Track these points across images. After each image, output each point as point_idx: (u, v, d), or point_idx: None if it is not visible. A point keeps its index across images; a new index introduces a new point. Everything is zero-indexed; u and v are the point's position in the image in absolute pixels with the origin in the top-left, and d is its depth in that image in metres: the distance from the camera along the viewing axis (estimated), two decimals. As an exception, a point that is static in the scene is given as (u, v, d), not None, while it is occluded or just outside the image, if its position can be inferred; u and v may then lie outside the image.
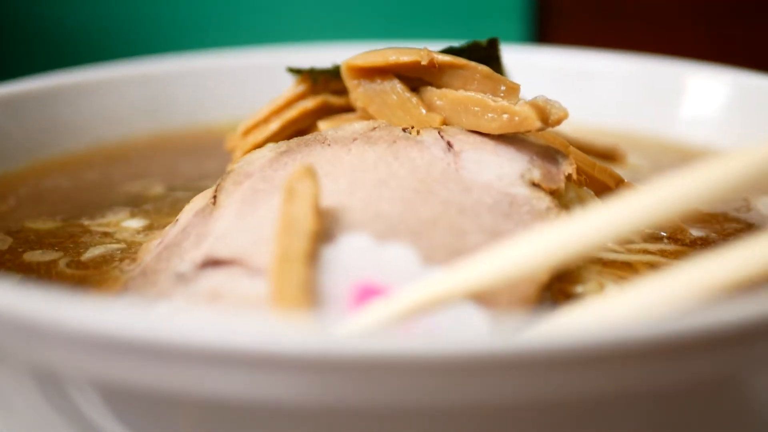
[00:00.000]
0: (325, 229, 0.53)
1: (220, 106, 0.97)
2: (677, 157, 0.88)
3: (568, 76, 0.96)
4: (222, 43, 1.20)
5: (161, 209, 0.74)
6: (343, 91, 0.72)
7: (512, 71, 0.75)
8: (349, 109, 0.72)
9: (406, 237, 0.54)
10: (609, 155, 0.81)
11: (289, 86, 0.74)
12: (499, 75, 0.65)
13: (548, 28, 1.45)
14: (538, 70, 0.93)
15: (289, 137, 0.69)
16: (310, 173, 0.54)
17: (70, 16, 1.32)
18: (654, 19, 1.44)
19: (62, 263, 0.64)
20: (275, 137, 0.72)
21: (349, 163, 0.61)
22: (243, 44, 1.13)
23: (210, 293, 0.53)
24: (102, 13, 1.33)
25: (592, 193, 0.65)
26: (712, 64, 0.95)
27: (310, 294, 0.48)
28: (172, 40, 1.34)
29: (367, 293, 0.50)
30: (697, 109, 0.93)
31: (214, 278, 0.54)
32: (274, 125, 0.73)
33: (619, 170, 0.74)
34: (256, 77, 0.97)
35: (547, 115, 0.61)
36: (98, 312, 0.41)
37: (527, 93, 0.65)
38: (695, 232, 0.67)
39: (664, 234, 0.66)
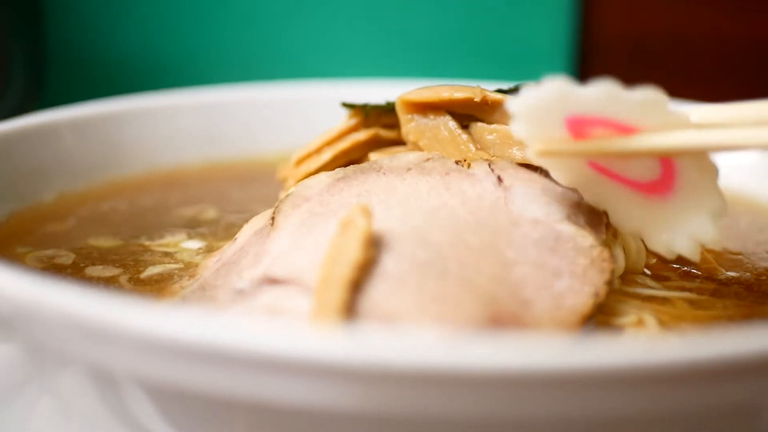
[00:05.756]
0: (374, 258, 0.56)
1: (272, 136, 1.00)
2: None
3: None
4: (277, 76, 1.25)
5: (216, 232, 0.77)
6: (393, 126, 0.75)
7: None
8: (399, 142, 0.75)
9: (455, 264, 0.57)
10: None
11: (342, 119, 0.77)
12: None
13: (589, 69, 1.48)
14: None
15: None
16: (366, 212, 0.57)
17: (133, 45, 1.38)
18: (692, 65, 1.47)
19: (123, 279, 0.67)
20: (327, 167, 0.75)
21: (403, 192, 0.64)
22: (297, 77, 1.17)
23: (267, 308, 0.56)
24: (161, 44, 1.38)
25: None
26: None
27: (346, 315, 0.52)
28: (229, 71, 1.38)
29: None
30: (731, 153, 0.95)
31: (271, 295, 0.57)
32: (326, 155, 0.76)
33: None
34: (308, 109, 1.01)
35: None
36: (156, 317, 0.44)
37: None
38: (729, 273, 0.70)
39: (699, 273, 0.69)
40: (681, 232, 0.62)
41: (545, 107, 0.59)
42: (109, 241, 0.75)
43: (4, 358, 0.66)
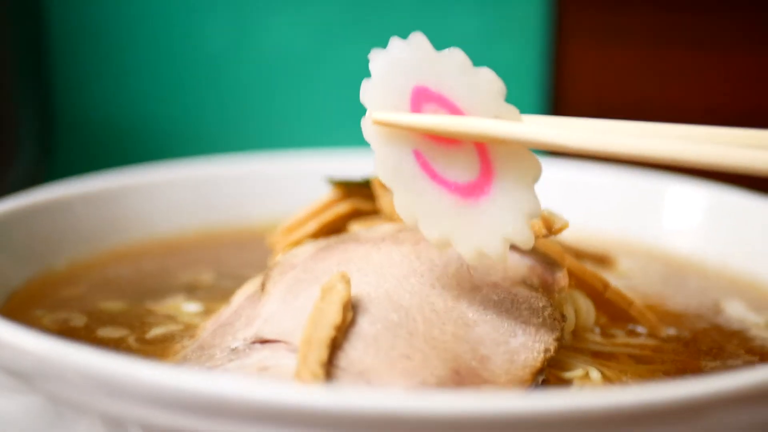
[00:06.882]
0: (352, 320, 0.64)
1: (261, 206, 1.08)
2: (663, 264, 0.99)
3: (570, 186, 1.08)
4: (268, 144, 1.33)
5: (214, 296, 0.84)
6: (372, 197, 0.83)
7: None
8: (376, 212, 0.83)
9: (422, 325, 0.65)
10: (601, 260, 0.92)
11: (326, 192, 0.85)
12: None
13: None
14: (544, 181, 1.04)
15: (324, 237, 0.81)
16: (345, 278, 0.64)
17: (137, 112, 1.47)
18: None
19: (131, 339, 0.75)
20: (312, 236, 0.82)
21: (378, 260, 0.70)
22: (283, 147, 1.24)
23: (258, 365, 0.63)
24: (164, 114, 1.46)
25: (583, 294, 0.76)
26: (694, 178, 1.04)
27: (326, 371, 0.59)
28: (225, 137, 1.47)
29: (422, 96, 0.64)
30: (682, 220, 1.03)
31: (262, 353, 0.64)
32: (311, 226, 0.83)
33: (609, 274, 0.85)
34: (292, 180, 1.09)
35: (551, 224, 0.72)
36: (162, 374, 0.52)
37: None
38: (670, 331, 0.78)
39: (643, 331, 0.77)
40: (493, 234, 0.63)
41: (400, 70, 0.63)
42: (116, 305, 0.82)
43: (27, 408, 0.74)
